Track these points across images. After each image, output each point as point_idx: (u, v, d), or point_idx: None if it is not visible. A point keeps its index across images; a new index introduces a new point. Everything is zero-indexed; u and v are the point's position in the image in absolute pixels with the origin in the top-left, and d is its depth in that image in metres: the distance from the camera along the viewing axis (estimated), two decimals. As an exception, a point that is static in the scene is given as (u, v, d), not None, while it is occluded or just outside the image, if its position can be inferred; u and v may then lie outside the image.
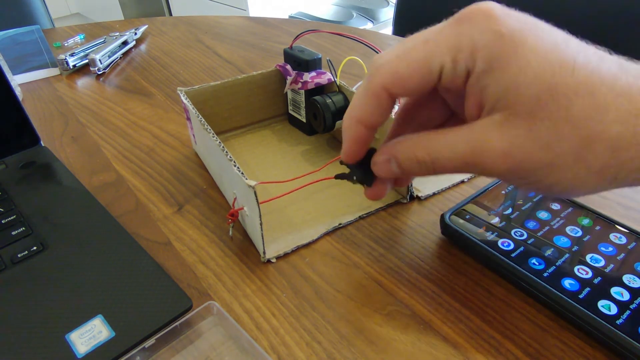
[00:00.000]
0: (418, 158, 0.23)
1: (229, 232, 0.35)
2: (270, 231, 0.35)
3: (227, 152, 0.32)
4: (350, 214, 0.36)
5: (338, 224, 0.36)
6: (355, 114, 0.24)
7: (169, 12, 2.34)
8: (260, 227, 0.31)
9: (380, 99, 0.23)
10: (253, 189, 0.29)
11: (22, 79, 0.63)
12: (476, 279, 0.31)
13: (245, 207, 0.32)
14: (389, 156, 0.25)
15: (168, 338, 0.27)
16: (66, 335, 0.27)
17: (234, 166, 0.31)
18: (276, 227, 0.36)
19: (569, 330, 0.27)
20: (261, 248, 0.32)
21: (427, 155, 0.23)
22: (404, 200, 0.38)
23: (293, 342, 0.27)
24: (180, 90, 0.42)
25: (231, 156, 0.32)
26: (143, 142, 0.48)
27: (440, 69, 0.21)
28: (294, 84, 0.44)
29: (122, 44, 0.72)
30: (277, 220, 0.36)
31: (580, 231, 0.31)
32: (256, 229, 0.32)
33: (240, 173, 0.30)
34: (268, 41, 0.75)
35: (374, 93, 0.23)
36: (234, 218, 0.34)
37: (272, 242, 0.34)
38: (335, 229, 0.35)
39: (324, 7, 1.85)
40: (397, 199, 0.38)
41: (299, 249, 0.34)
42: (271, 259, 0.33)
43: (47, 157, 0.44)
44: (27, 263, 0.32)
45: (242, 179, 0.30)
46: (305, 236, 0.35)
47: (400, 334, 0.27)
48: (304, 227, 0.36)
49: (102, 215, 0.36)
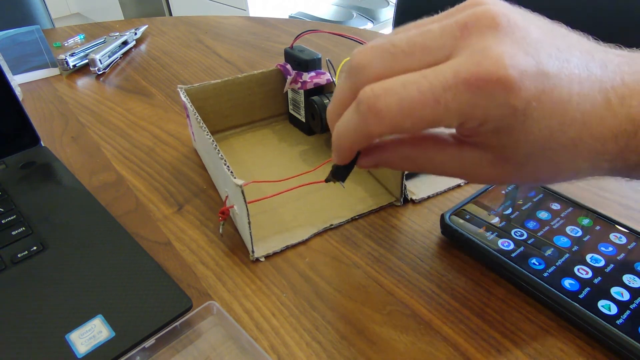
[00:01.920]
0: (406, 168, 0.26)
1: (220, 229, 0.35)
2: (261, 230, 0.35)
3: (219, 150, 0.32)
4: (343, 215, 0.36)
5: (329, 224, 0.36)
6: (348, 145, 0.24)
7: (169, 12, 2.34)
8: (249, 225, 0.31)
9: (373, 139, 0.24)
10: (241, 188, 0.29)
11: (22, 79, 0.63)
12: (476, 279, 0.31)
13: (235, 205, 0.32)
14: (376, 162, 0.26)
15: (168, 338, 0.27)
16: (66, 335, 0.27)
17: (224, 165, 0.31)
18: (267, 227, 0.36)
19: (569, 330, 0.27)
20: (250, 246, 0.32)
21: (416, 167, 0.25)
22: (398, 203, 0.38)
23: (293, 342, 0.27)
24: (180, 88, 0.42)
25: (222, 154, 0.32)
26: (143, 142, 0.48)
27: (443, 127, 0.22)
28: (293, 83, 0.44)
29: (122, 44, 0.72)
30: (269, 219, 0.36)
31: (580, 231, 0.31)
32: (245, 228, 0.32)
33: (230, 172, 0.30)
34: (268, 41, 0.75)
35: (368, 137, 0.22)
36: (224, 216, 0.34)
37: (261, 241, 0.34)
38: (327, 229, 0.35)
39: (324, 7, 1.85)
40: (391, 201, 0.38)
41: (293, 247, 0.34)
42: (260, 257, 0.33)
43: (47, 157, 0.44)
44: (27, 263, 0.32)
45: (231, 177, 0.30)
46: (296, 236, 0.35)
47: (400, 334, 0.27)
48: (295, 227, 0.36)
49: (102, 215, 0.36)
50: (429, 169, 0.25)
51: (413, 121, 0.20)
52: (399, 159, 0.25)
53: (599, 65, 0.21)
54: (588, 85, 0.21)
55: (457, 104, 0.19)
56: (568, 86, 0.20)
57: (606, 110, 0.21)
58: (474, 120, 0.20)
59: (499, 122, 0.20)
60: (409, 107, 0.20)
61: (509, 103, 0.19)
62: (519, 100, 0.19)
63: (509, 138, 0.21)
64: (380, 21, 1.77)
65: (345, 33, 0.45)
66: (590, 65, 0.21)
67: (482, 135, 0.22)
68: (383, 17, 1.78)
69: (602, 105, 0.21)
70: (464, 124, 0.21)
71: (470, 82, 0.19)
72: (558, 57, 0.20)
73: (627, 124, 0.21)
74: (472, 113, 0.20)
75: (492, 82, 0.19)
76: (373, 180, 0.40)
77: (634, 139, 0.21)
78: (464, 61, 0.20)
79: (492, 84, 0.19)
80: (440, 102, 0.20)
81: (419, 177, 0.40)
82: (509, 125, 0.20)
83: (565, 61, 0.21)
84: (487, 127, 0.21)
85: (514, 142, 0.21)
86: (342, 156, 0.25)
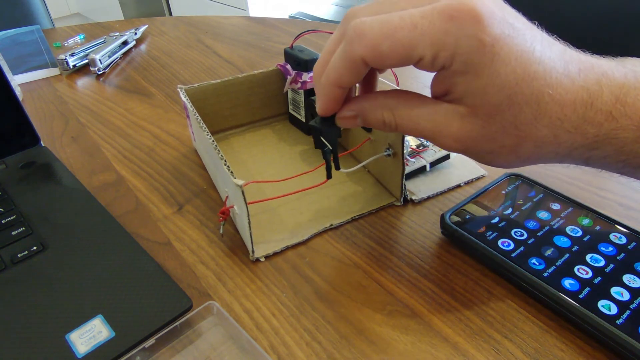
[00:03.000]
0: (385, 119, 0.26)
1: (220, 229, 0.35)
2: (261, 230, 0.35)
3: (219, 150, 0.32)
4: (343, 215, 0.36)
5: (330, 224, 0.36)
6: (332, 78, 0.25)
7: (169, 12, 2.34)
8: (249, 225, 0.31)
9: (358, 67, 0.24)
10: (241, 188, 0.29)
11: (22, 79, 0.63)
12: (476, 279, 0.31)
13: (235, 205, 0.32)
14: (355, 112, 0.27)
15: (168, 338, 0.27)
16: (66, 335, 0.27)
17: (224, 165, 0.31)
18: (267, 227, 0.36)
19: (569, 330, 0.27)
20: (250, 247, 0.32)
21: (393, 119, 0.26)
22: (398, 202, 0.38)
23: (293, 342, 0.27)
24: (180, 88, 0.42)
25: (222, 154, 0.32)
26: (143, 142, 0.48)
27: (419, 58, 0.23)
28: (293, 83, 0.44)
29: (122, 44, 0.72)
30: (269, 219, 0.36)
31: (580, 231, 0.31)
32: (245, 228, 0.32)
33: (230, 172, 0.30)
34: (268, 41, 0.75)
35: (353, 62, 0.24)
36: (225, 216, 0.34)
37: (261, 242, 0.34)
38: (327, 229, 0.35)
39: (324, 7, 1.85)
40: (391, 201, 0.38)
41: (293, 247, 0.34)
42: (260, 257, 0.33)
43: (47, 157, 0.44)
44: (27, 263, 0.32)
45: (231, 178, 0.30)
46: (296, 236, 0.35)
47: (400, 334, 0.27)
48: (295, 227, 0.36)
49: (102, 215, 0.36)
50: (404, 123, 0.26)
51: (391, 43, 0.22)
52: (379, 105, 0.26)
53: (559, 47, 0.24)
54: (549, 49, 0.23)
55: (431, 30, 0.22)
56: (531, 41, 0.22)
57: (565, 76, 0.23)
58: (445, 51, 0.22)
59: (468, 56, 0.22)
60: (389, 30, 0.22)
61: (477, 35, 0.21)
62: (487, 35, 0.21)
63: (477, 81, 0.22)
64: (380, 21, 1.76)
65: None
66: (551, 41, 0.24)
67: (454, 75, 0.23)
68: (383, 17, 1.78)
69: (562, 71, 0.23)
70: (436, 57, 0.22)
71: (445, 12, 0.22)
72: (522, 21, 0.23)
73: (584, 93, 0.23)
74: (444, 41, 0.22)
75: (463, 13, 0.21)
76: (373, 180, 0.40)
77: (590, 110, 0.23)
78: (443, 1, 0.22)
79: (463, 14, 0.21)
80: (417, 27, 0.22)
81: (419, 177, 0.40)
82: (477, 62, 0.22)
83: (528, 27, 0.23)
84: (457, 65, 0.22)
85: (482, 87, 0.22)
86: (327, 97, 0.26)
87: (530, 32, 0.23)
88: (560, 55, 0.23)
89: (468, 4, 0.21)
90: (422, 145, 0.41)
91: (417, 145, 0.41)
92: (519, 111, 0.23)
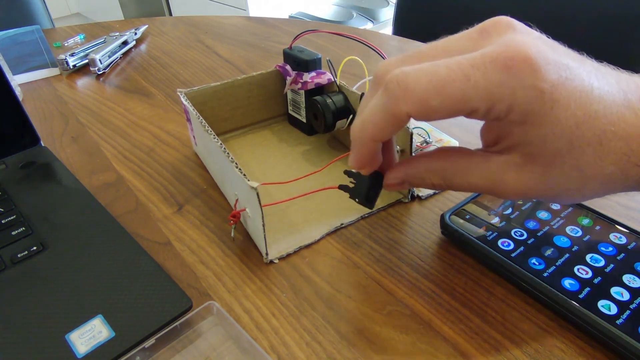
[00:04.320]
0: (434, 183, 0.25)
1: (231, 233, 0.35)
2: (272, 232, 0.35)
3: (229, 154, 0.32)
4: (352, 214, 0.36)
5: (340, 224, 0.35)
6: (371, 133, 0.24)
7: (169, 12, 2.34)
8: (263, 228, 0.31)
9: (401, 122, 0.22)
10: (255, 191, 0.29)
11: (22, 79, 0.63)
12: (476, 279, 0.31)
13: (247, 208, 0.32)
14: (402, 180, 0.26)
15: (168, 338, 0.27)
16: (66, 335, 0.27)
17: (235, 168, 0.31)
18: (277, 228, 0.36)
19: (569, 330, 0.27)
20: (264, 249, 0.32)
21: (443, 183, 0.25)
22: (405, 199, 0.38)
23: (293, 342, 0.27)
24: (180, 92, 0.42)
25: (233, 157, 0.32)
26: (143, 142, 0.48)
27: (471, 111, 0.21)
28: (293, 84, 0.44)
29: (122, 44, 0.72)
30: (279, 220, 0.36)
31: (580, 231, 0.31)
32: (259, 231, 0.31)
33: (242, 175, 0.30)
34: (268, 41, 0.75)
35: (397, 118, 0.22)
36: (235, 219, 0.34)
37: (273, 243, 0.34)
38: (337, 229, 0.35)
39: (324, 7, 1.85)
40: (399, 198, 0.38)
41: (300, 249, 0.34)
42: (274, 259, 0.33)
43: (47, 157, 0.44)
44: (27, 263, 0.32)
45: (245, 180, 0.30)
46: (307, 237, 0.35)
47: (400, 334, 0.27)
48: (306, 227, 0.35)
49: (102, 216, 0.36)
50: (455, 181, 0.25)
51: (442, 99, 0.20)
52: (425, 171, 0.25)
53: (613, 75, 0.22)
54: (605, 82, 0.21)
55: (485, 82, 0.20)
56: (588, 78, 0.21)
57: (627, 108, 0.21)
58: (501, 103, 0.20)
59: (527, 106, 0.20)
60: (438, 83, 0.20)
61: (535, 85, 0.20)
62: (545, 82, 0.20)
63: (536, 130, 0.21)
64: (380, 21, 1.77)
65: (345, 33, 0.45)
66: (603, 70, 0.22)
67: (509, 126, 0.22)
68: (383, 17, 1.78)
69: (622, 103, 0.21)
70: (491, 109, 0.21)
71: (499, 61, 0.20)
72: (573, 57, 0.21)
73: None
74: (500, 93, 0.20)
75: (519, 62, 0.19)
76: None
77: None
78: (490, 47, 0.20)
79: (519, 63, 0.19)
80: (470, 79, 0.20)
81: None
82: (536, 112, 0.20)
83: (581, 61, 0.21)
84: (514, 116, 0.21)
85: (542, 136, 0.21)
86: (362, 152, 0.25)
87: (584, 68, 0.21)
88: (617, 85, 0.21)
89: (521, 51, 0.20)
90: (425, 142, 0.41)
91: (421, 142, 0.41)
92: (580, 154, 0.21)
